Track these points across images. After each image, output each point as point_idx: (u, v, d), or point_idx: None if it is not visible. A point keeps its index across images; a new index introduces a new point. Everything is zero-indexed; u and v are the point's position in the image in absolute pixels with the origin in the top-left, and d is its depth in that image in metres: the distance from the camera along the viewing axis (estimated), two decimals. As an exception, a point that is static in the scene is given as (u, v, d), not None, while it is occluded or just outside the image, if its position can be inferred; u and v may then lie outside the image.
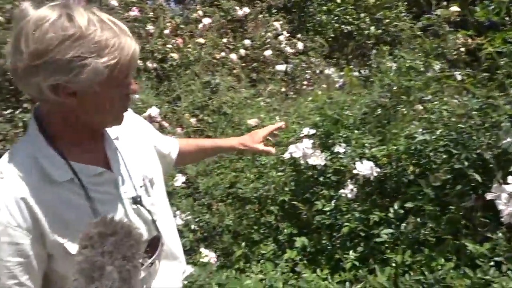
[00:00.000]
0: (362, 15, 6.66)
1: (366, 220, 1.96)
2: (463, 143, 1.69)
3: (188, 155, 1.35)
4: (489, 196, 1.47)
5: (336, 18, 6.46)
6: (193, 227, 2.43)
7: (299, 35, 5.52)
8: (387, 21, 6.63)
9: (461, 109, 1.76)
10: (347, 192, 2.10)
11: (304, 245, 2.15)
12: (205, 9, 4.90)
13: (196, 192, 2.73)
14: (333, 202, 2.13)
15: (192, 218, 2.44)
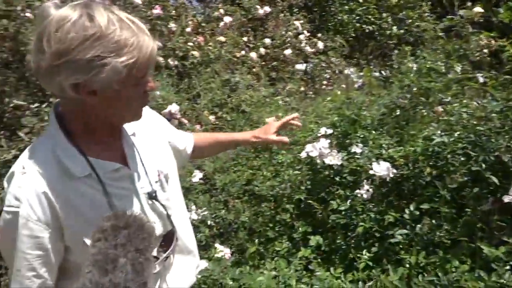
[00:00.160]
0: (384, 15, 6.59)
1: (381, 220, 1.95)
2: (481, 145, 1.67)
3: (203, 149, 1.37)
4: (506, 199, 1.46)
5: (358, 18, 6.41)
6: (209, 222, 2.43)
7: (319, 35, 5.50)
8: (410, 21, 6.55)
9: (480, 111, 1.74)
10: (363, 192, 2.08)
11: (319, 243, 2.14)
12: (226, 7, 4.90)
13: (213, 188, 2.73)
14: (348, 202, 2.11)
15: (209, 214, 2.45)
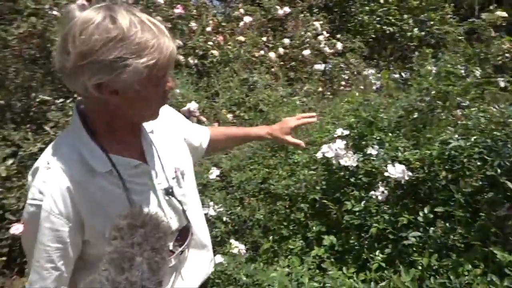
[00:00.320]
0: (406, 16, 6.52)
1: (395, 222, 1.95)
2: (497, 150, 1.67)
3: (218, 143, 1.39)
4: (522, 205, 1.45)
5: (378, 19, 6.36)
6: (224, 219, 2.47)
7: (338, 35, 5.49)
8: (432, 23, 6.46)
9: (498, 116, 1.73)
10: (378, 194, 2.08)
11: (332, 243, 2.15)
12: (246, 7, 4.93)
13: (229, 185, 2.76)
14: (362, 203, 2.12)
15: (224, 211, 2.48)
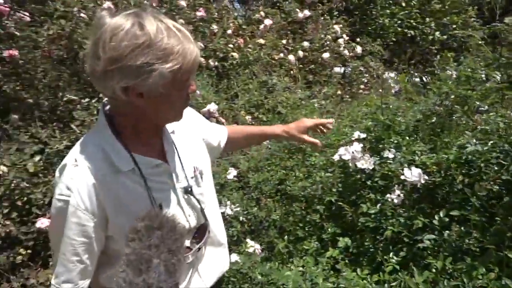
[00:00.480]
0: (427, 20, 6.45)
1: (411, 226, 1.95)
2: (513, 155, 1.66)
3: (235, 141, 1.43)
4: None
5: (399, 22, 6.31)
6: (241, 218, 2.50)
7: (358, 39, 5.48)
8: (454, 26, 6.38)
9: (516, 121, 1.72)
10: (394, 197, 2.08)
11: (347, 245, 2.15)
12: (267, 10, 4.97)
13: (246, 186, 2.79)
14: (378, 205, 2.12)
15: (241, 210, 2.52)
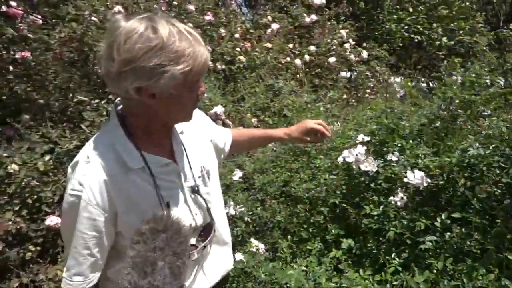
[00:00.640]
0: (435, 25, 6.46)
1: (413, 228, 1.98)
2: (513, 158, 1.69)
3: (240, 144, 1.46)
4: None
5: (406, 27, 6.33)
6: (246, 219, 2.53)
7: (364, 44, 5.50)
8: (461, 32, 6.38)
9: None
10: (397, 200, 2.10)
11: (350, 246, 2.18)
12: (274, 14, 5.01)
13: (251, 187, 2.82)
14: (381, 207, 2.14)
15: (246, 211, 2.55)
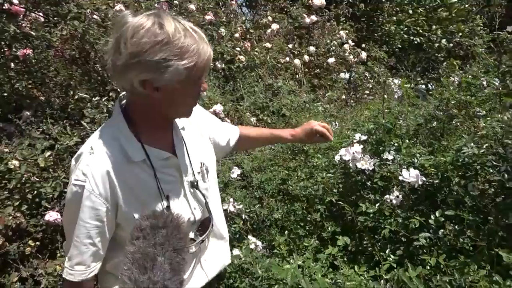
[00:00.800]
0: (434, 27, 6.49)
1: (408, 225, 2.01)
2: (505, 156, 1.71)
3: (248, 140, 1.50)
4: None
5: (406, 29, 6.37)
6: (243, 216, 2.55)
7: (363, 45, 5.54)
8: (461, 34, 6.42)
9: (509, 125, 1.78)
10: (393, 198, 2.14)
11: (346, 243, 2.21)
12: (274, 15, 5.05)
13: (249, 185, 2.85)
14: (377, 205, 2.17)
15: (244, 208, 2.58)
